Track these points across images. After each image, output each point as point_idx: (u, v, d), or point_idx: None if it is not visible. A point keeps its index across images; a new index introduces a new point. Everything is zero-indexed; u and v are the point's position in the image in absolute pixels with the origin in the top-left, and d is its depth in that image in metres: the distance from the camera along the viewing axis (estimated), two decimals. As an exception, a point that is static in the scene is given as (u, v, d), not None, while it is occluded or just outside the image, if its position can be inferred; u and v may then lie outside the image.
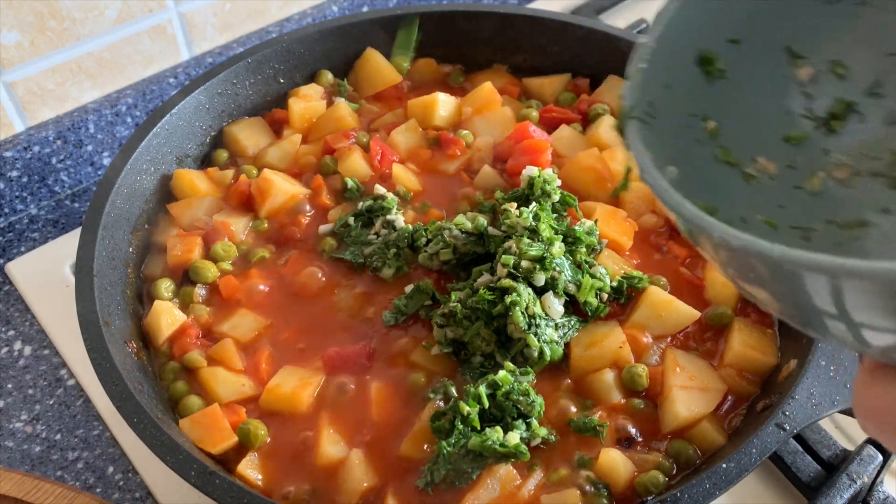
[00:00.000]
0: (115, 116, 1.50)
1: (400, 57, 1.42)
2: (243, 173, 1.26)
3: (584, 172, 1.21)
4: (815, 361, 0.93)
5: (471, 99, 1.34)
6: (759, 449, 0.87)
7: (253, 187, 1.21)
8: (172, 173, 1.25)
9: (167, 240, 1.18)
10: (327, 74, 1.40)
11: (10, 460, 1.16)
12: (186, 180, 1.23)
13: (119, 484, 1.14)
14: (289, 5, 1.67)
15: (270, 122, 1.36)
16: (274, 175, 1.22)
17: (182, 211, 1.21)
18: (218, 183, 1.26)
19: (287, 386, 1.02)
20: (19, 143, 1.42)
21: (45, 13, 1.36)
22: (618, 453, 0.95)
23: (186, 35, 1.55)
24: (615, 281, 1.07)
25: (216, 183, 1.26)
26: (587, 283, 1.03)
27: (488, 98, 1.33)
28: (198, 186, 1.23)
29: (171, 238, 1.18)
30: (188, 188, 1.23)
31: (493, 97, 1.33)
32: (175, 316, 1.09)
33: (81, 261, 1.05)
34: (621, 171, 1.21)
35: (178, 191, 1.24)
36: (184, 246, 1.16)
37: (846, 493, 1.04)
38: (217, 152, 1.32)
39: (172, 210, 1.22)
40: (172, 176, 1.24)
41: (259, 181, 1.21)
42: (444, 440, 0.92)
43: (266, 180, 1.20)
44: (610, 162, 1.22)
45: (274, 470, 0.97)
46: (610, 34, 1.35)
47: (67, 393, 1.24)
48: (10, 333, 1.31)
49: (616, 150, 1.24)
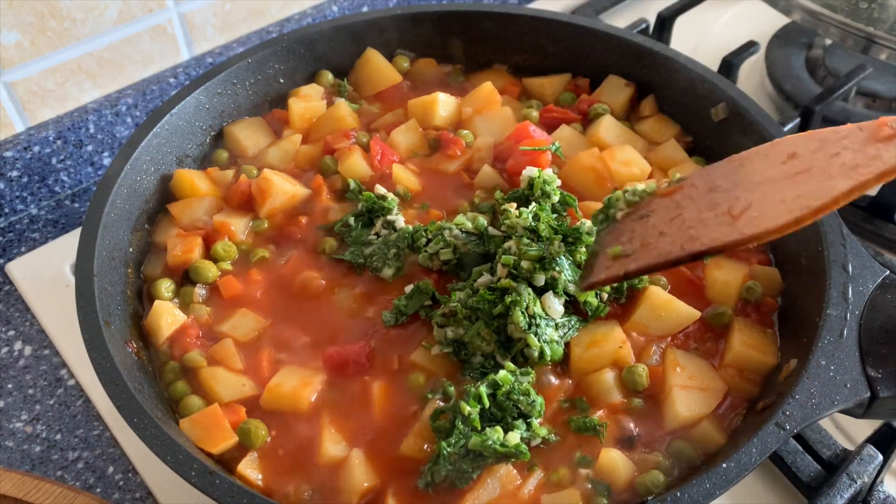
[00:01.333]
0: (115, 116, 1.50)
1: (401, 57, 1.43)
2: (243, 173, 1.26)
3: (584, 172, 1.21)
4: (815, 361, 0.93)
5: (471, 99, 1.34)
6: (759, 449, 0.87)
7: (253, 187, 1.21)
8: (172, 173, 1.25)
9: (167, 240, 1.18)
10: (327, 74, 1.40)
11: (11, 460, 1.16)
12: (187, 180, 1.23)
13: (119, 484, 1.14)
14: (289, 5, 1.67)
15: (271, 121, 1.36)
16: (274, 175, 1.22)
17: (182, 211, 1.21)
18: (218, 183, 1.26)
19: (287, 386, 1.01)
20: (19, 143, 1.42)
21: (46, 13, 1.36)
22: (618, 453, 0.95)
23: (186, 35, 1.55)
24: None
25: (216, 183, 1.26)
26: None
27: (488, 98, 1.33)
28: (198, 186, 1.23)
29: (172, 238, 1.17)
30: (188, 188, 1.23)
31: (494, 97, 1.33)
32: (175, 316, 1.09)
33: (81, 261, 1.05)
34: (621, 171, 1.21)
35: (179, 191, 1.24)
36: (184, 246, 1.16)
37: (846, 492, 1.04)
38: (217, 152, 1.32)
39: (173, 210, 1.22)
40: (172, 176, 1.24)
41: (259, 181, 1.21)
42: (444, 440, 0.92)
43: (266, 180, 1.20)
44: (610, 162, 1.21)
45: (274, 470, 0.97)
46: (610, 34, 1.35)
47: (68, 393, 1.24)
48: (11, 333, 1.31)
49: (616, 149, 1.24)
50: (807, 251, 1.06)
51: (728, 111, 1.23)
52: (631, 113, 1.36)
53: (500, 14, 1.39)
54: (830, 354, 0.94)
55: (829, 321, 0.96)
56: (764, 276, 1.11)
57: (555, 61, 1.40)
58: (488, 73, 1.44)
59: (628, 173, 1.20)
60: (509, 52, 1.43)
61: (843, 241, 1.03)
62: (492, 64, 1.45)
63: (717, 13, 1.91)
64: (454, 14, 1.40)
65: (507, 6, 1.42)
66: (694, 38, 1.83)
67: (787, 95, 1.67)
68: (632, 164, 1.22)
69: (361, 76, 1.41)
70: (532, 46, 1.41)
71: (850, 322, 0.96)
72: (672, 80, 1.31)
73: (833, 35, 1.41)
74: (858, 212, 1.44)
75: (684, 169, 1.24)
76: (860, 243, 1.04)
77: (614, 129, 1.28)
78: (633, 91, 1.35)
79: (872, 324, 0.96)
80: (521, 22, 1.39)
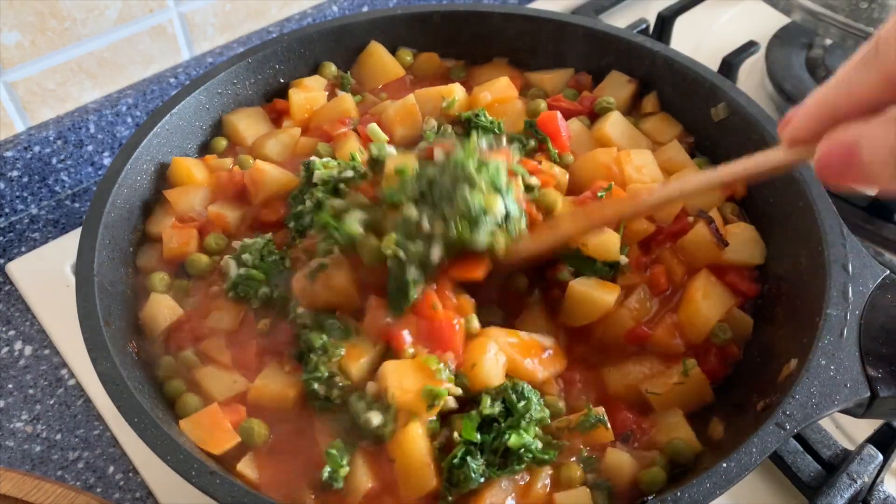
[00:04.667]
0: (116, 116, 1.50)
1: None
2: (237, 164, 1.24)
3: (598, 168, 1.18)
4: (816, 361, 0.93)
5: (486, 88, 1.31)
6: (760, 449, 0.87)
7: (246, 177, 1.20)
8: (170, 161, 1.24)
9: (163, 231, 1.16)
10: (331, 66, 1.39)
11: (11, 460, 1.16)
12: (183, 168, 1.22)
13: (119, 484, 1.14)
14: (289, 5, 1.67)
15: (271, 112, 1.35)
16: (266, 165, 1.20)
17: (179, 197, 1.20)
18: (215, 171, 1.24)
19: (273, 387, 1.00)
20: (20, 143, 1.42)
21: (46, 13, 1.36)
22: (622, 452, 0.95)
23: (187, 35, 1.55)
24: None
25: (213, 171, 1.24)
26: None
27: (505, 92, 1.30)
28: (194, 175, 1.22)
29: (167, 230, 1.16)
30: (185, 175, 1.22)
31: (511, 92, 1.30)
32: (172, 308, 1.08)
33: (81, 261, 1.05)
34: (633, 175, 1.17)
35: (175, 178, 1.23)
36: (180, 238, 1.15)
37: (846, 492, 1.04)
38: (216, 140, 1.31)
39: (169, 196, 1.20)
40: (170, 163, 1.23)
41: (252, 172, 1.19)
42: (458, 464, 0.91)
43: (259, 171, 1.18)
44: (625, 164, 1.18)
45: (275, 469, 0.97)
46: (610, 34, 1.35)
47: (68, 393, 1.24)
48: (11, 333, 1.31)
49: (634, 153, 1.20)
50: (807, 251, 1.06)
51: (728, 111, 1.23)
52: (633, 109, 1.35)
53: (500, 13, 1.39)
54: (831, 354, 0.94)
55: (829, 321, 0.96)
56: (737, 321, 1.09)
57: (555, 61, 1.40)
58: (489, 68, 1.43)
59: (639, 179, 1.17)
60: (508, 52, 1.43)
61: (844, 240, 1.03)
62: (492, 58, 1.44)
63: (717, 13, 1.91)
64: (453, 13, 1.40)
65: (507, 6, 1.42)
66: (694, 38, 1.83)
67: (787, 95, 1.67)
68: (644, 170, 1.19)
69: (364, 69, 1.40)
70: (531, 46, 1.41)
71: (851, 322, 0.96)
72: (672, 80, 1.31)
73: (833, 35, 1.41)
74: (858, 212, 1.44)
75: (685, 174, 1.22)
76: (860, 243, 1.04)
77: (620, 126, 1.26)
78: (635, 87, 1.33)
79: (872, 323, 0.96)
80: (520, 21, 1.39)
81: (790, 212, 1.10)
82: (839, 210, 1.06)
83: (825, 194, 1.07)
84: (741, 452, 0.86)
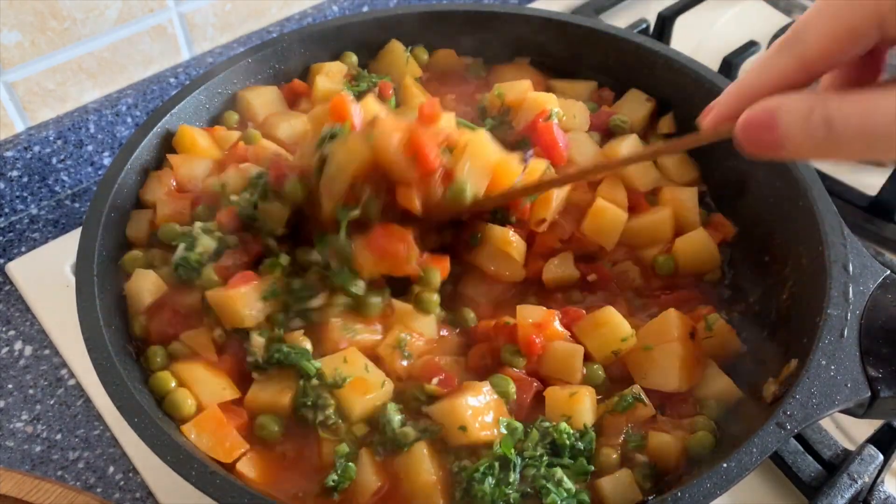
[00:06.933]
0: (116, 116, 1.50)
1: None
2: (243, 139, 1.23)
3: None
4: (816, 361, 0.93)
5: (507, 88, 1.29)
6: (760, 449, 0.87)
7: (249, 153, 1.19)
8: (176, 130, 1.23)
9: (156, 199, 1.15)
10: (352, 56, 1.38)
11: (11, 460, 1.16)
12: (189, 136, 1.21)
13: (120, 484, 1.14)
14: (289, 5, 1.67)
15: (287, 93, 1.34)
16: (272, 145, 1.19)
17: (181, 163, 1.19)
18: (221, 143, 1.24)
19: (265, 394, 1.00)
20: (20, 143, 1.42)
21: (46, 13, 1.36)
22: (664, 434, 0.96)
23: (187, 35, 1.55)
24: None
25: (218, 143, 1.24)
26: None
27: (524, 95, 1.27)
28: (199, 144, 1.21)
29: (161, 197, 1.15)
30: (189, 145, 1.21)
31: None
32: (156, 283, 1.06)
33: (81, 261, 1.05)
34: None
35: (180, 146, 1.22)
36: (174, 206, 1.14)
37: (847, 492, 1.04)
38: (227, 113, 1.30)
39: (173, 160, 1.19)
40: (176, 132, 1.23)
41: (256, 149, 1.18)
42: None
43: (263, 148, 1.18)
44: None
45: (275, 468, 0.96)
46: (609, 34, 1.35)
47: (68, 393, 1.24)
48: (11, 333, 1.31)
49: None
50: (807, 251, 1.06)
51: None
52: (649, 129, 1.32)
53: (501, 13, 1.39)
54: (831, 354, 0.94)
55: (829, 321, 0.96)
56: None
57: (555, 61, 1.40)
58: (510, 67, 1.40)
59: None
60: (510, 51, 1.43)
61: (844, 240, 1.03)
62: (513, 58, 1.42)
63: (717, 13, 1.91)
64: (451, 13, 1.40)
65: (507, 6, 1.42)
66: (694, 38, 1.83)
67: (787, 95, 1.66)
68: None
69: (382, 66, 1.40)
70: (533, 45, 1.40)
71: (851, 322, 0.96)
72: (671, 79, 1.30)
73: (833, 35, 1.41)
74: (858, 212, 1.44)
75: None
76: (860, 243, 1.04)
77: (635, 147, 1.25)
78: (653, 106, 1.31)
79: (873, 323, 0.96)
80: (520, 21, 1.38)
81: (790, 212, 1.10)
82: (839, 210, 1.06)
83: (826, 194, 1.07)
84: (741, 452, 0.86)
